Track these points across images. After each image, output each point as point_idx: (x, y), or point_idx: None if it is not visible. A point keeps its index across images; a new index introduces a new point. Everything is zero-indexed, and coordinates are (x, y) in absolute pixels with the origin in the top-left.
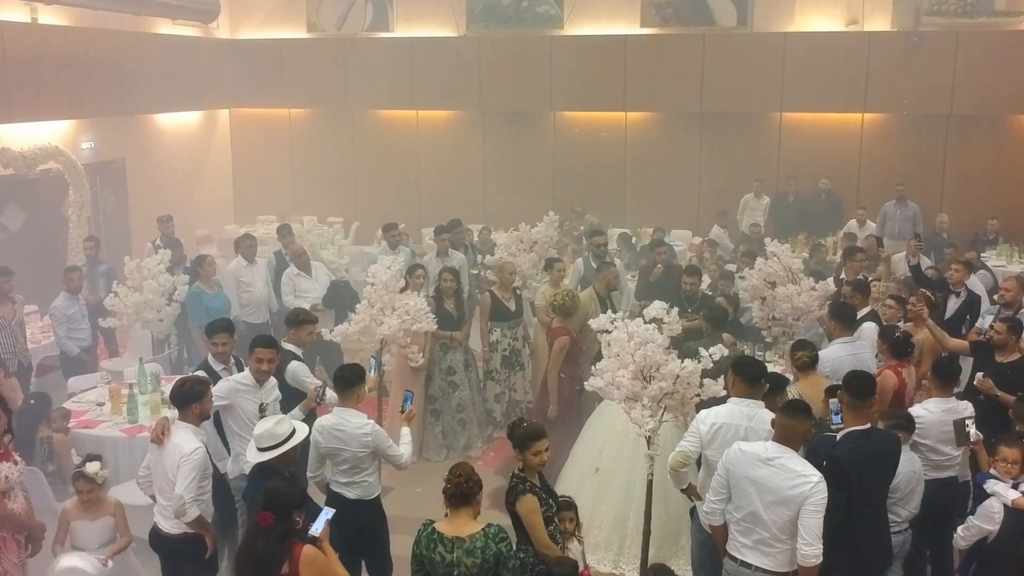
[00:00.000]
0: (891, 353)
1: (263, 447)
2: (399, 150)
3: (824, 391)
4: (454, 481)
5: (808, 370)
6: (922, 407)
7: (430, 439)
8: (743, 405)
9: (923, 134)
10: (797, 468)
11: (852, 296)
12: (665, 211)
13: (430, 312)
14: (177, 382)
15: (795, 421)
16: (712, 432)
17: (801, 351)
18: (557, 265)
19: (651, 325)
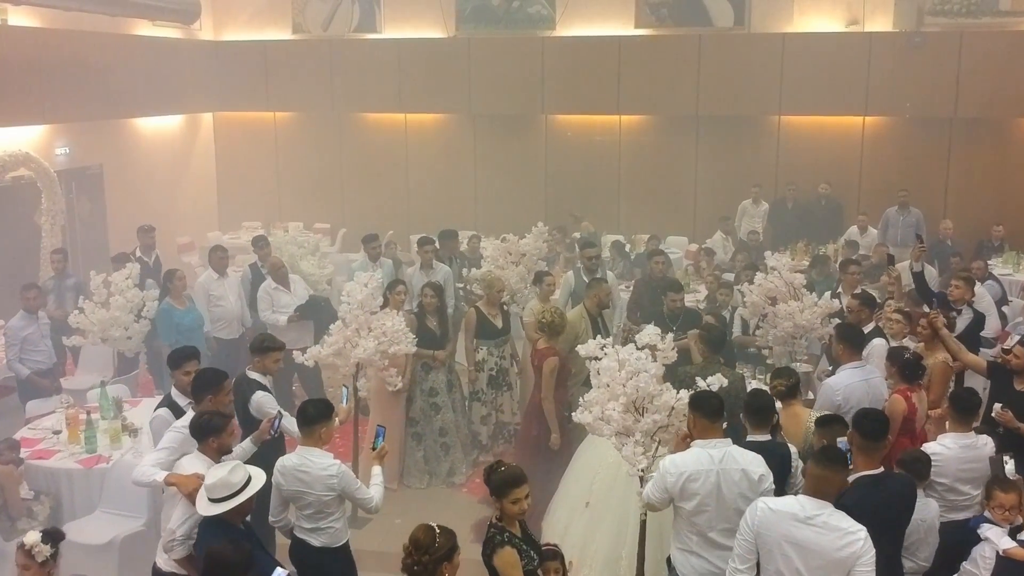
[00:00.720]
0: (900, 376)
1: (216, 498)
2: (387, 154)
3: (815, 423)
4: (410, 557)
5: (787, 399)
6: (939, 444)
7: (411, 464)
8: (710, 447)
9: (926, 138)
10: (842, 525)
11: (859, 310)
12: (660, 217)
13: (410, 333)
14: (195, 414)
15: (830, 471)
16: (681, 484)
17: (778, 379)
18: (546, 279)
19: (644, 352)
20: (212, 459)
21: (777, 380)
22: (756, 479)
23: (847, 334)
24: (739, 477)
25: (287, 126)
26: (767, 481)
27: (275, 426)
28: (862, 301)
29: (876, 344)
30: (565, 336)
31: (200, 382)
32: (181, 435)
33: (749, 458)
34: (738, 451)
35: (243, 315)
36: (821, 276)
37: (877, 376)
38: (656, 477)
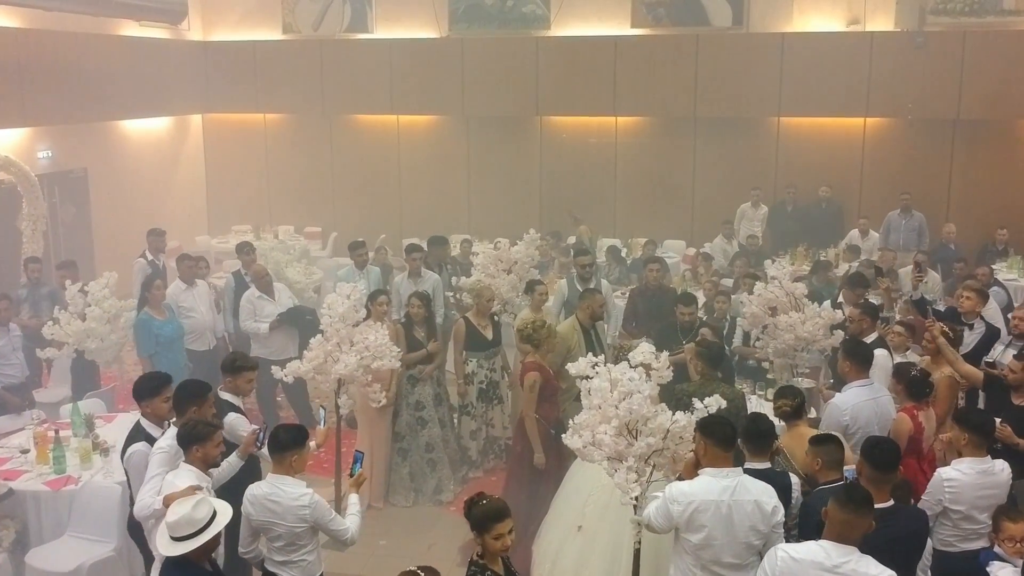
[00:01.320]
0: (907, 394)
1: (179, 536)
2: (379, 157)
3: (808, 441)
4: None
5: (792, 420)
6: (955, 469)
7: (396, 482)
8: (720, 476)
9: (928, 140)
10: (871, 572)
11: (860, 320)
12: (658, 221)
13: (394, 347)
14: (183, 421)
15: (856, 515)
16: (689, 514)
17: (783, 399)
18: (538, 288)
19: (638, 371)
20: (199, 469)
21: (782, 400)
22: (769, 511)
23: (854, 350)
24: (751, 509)
25: (277, 128)
26: (779, 513)
27: (260, 439)
28: (864, 310)
29: (878, 356)
30: (556, 349)
31: (183, 394)
32: (166, 454)
33: (761, 488)
34: (750, 481)
35: (215, 326)
36: (822, 283)
37: (885, 395)
38: (660, 503)
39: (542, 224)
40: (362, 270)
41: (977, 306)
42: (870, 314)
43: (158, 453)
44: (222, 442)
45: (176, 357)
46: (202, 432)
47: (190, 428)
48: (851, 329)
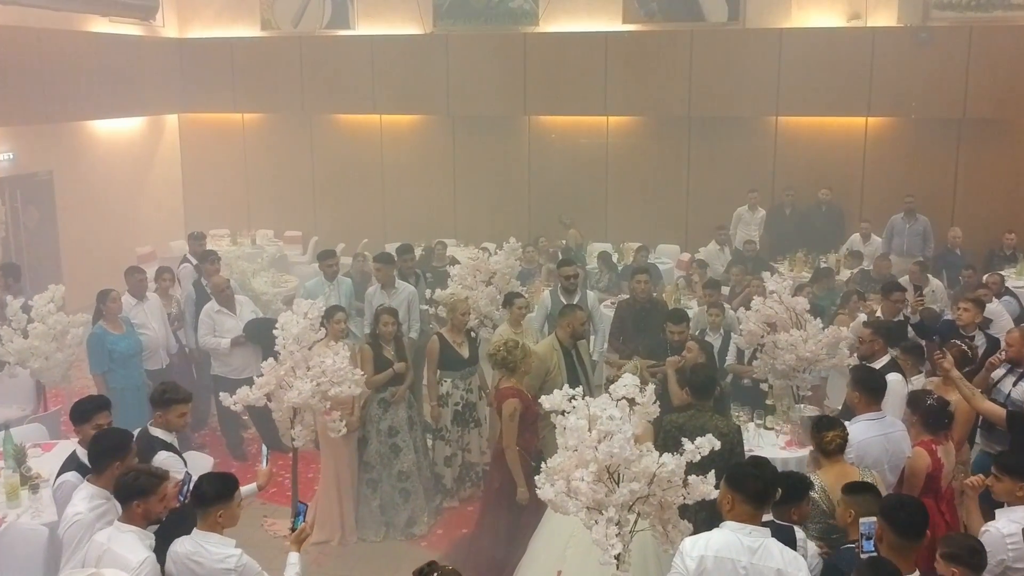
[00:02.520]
0: (924, 426)
1: None
2: (361, 158)
3: (842, 490)
4: None
5: (839, 455)
6: (1011, 520)
7: (366, 515)
8: (743, 533)
9: (933, 140)
10: None
11: (871, 341)
12: (650, 225)
13: (355, 371)
14: (124, 471)
15: None
16: (700, 570)
17: (831, 431)
18: (517, 302)
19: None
20: (138, 527)
21: (833, 432)
22: None
23: (865, 380)
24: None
25: (256, 128)
26: None
27: (184, 491)
28: (875, 330)
29: (891, 382)
30: (535, 372)
31: (101, 448)
32: (80, 525)
33: (789, 558)
34: (776, 546)
35: (168, 343)
36: (823, 291)
37: (899, 429)
38: (676, 559)
39: (531, 228)
40: (332, 281)
41: (976, 318)
42: (881, 334)
43: (72, 525)
44: (167, 495)
45: (132, 375)
46: (146, 485)
47: (131, 480)
48: (860, 351)
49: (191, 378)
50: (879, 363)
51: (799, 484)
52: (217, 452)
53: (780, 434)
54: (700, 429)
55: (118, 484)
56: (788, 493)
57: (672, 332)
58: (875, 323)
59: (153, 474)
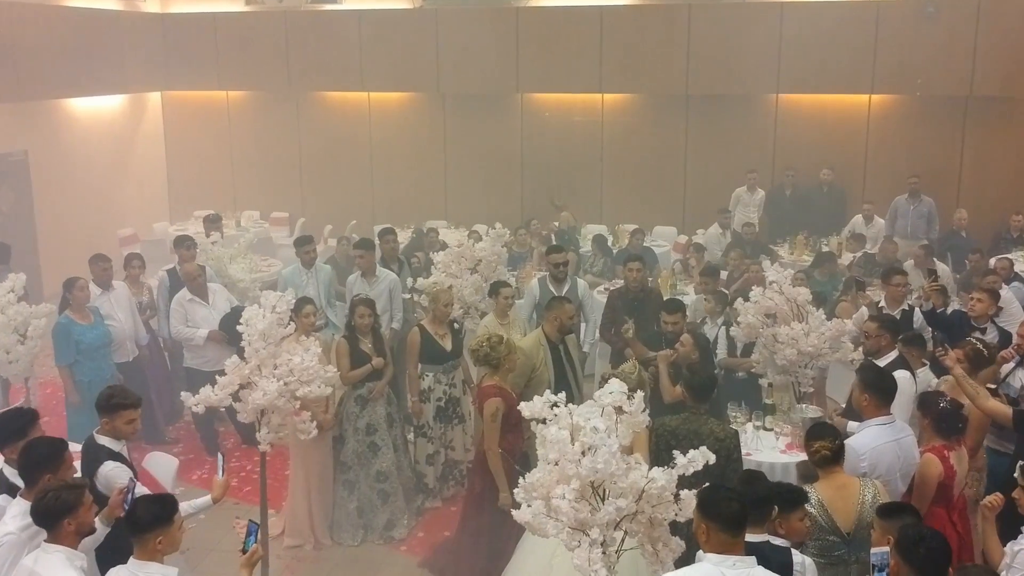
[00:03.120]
0: (935, 430)
1: None
2: (349, 137)
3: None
4: None
5: (830, 466)
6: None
7: (342, 518)
8: (727, 566)
9: (939, 118)
10: None
11: (878, 336)
12: (647, 206)
13: (329, 368)
14: (37, 494)
15: None
16: None
17: (819, 440)
18: (504, 291)
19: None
20: (69, 546)
21: (820, 443)
22: None
23: (875, 382)
24: None
25: (241, 106)
26: None
27: (128, 499)
28: (882, 324)
29: (898, 379)
30: (519, 369)
31: (31, 459)
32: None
33: None
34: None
35: (136, 334)
36: (825, 276)
37: (908, 434)
38: None
39: (523, 209)
40: (310, 269)
41: (989, 309)
42: (889, 328)
43: (1, 547)
44: (93, 502)
45: (100, 367)
46: (70, 500)
47: (51, 501)
48: (867, 347)
49: (165, 369)
50: (886, 359)
51: (788, 496)
52: (191, 447)
53: (780, 436)
54: (695, 434)
55: (39, 509)
56: (766, 497)
57: (667, 323)
58: (881, 317)
59: (72, 486)
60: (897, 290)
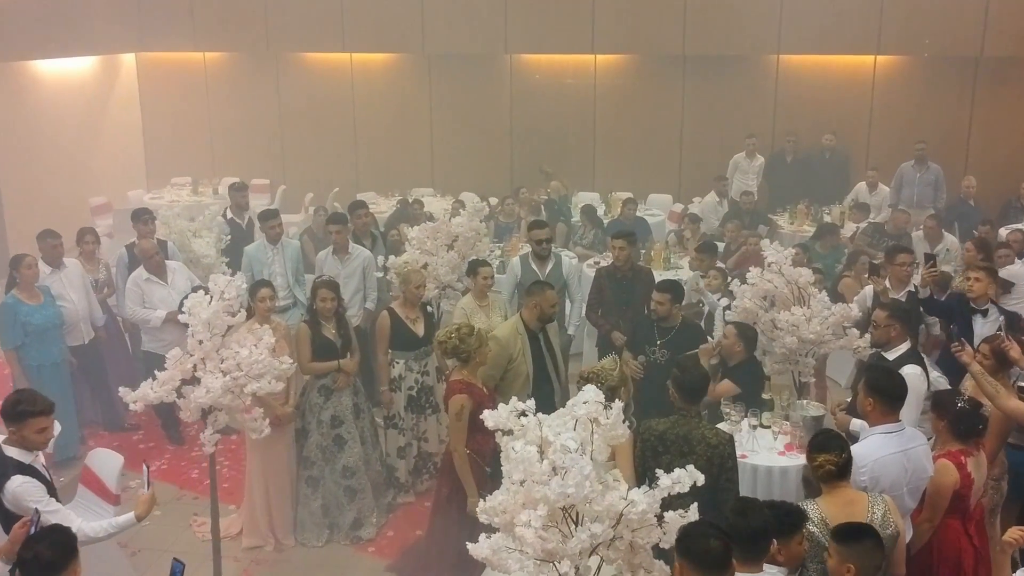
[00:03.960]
0: (952, 433)
1: None
2: (331, 101)
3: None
4: None
5: (835, 481)
6: None
7: (306, 517)
8: None
9: (947, 81)
10: None
11: (887, 325)
12: (641, 173)
13: (284, 360)
14: None
15: None
16: None
17: (824, 454)
18: (482, 271)
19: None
20: None
21: (824, 456)
22: None
23: (881, 385)
24: None
25: (218, 68)
26: None
27: (33, 528)
28: (892, 313)
29: (908, 376)
30: (494, 360)
31: None
32: None
33: None
34: None
35: (92, 315)
36: (827, 249)
37: (920, 443)
38: None
39: (513, 176)
40: (276, 245)
41: (988, 288)
42: (899, 318)
43: None
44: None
45: (51, 351)
46: None
47: None
48: (875, 337)
49: (125, 352)
50: (896, 352)
51: (787, 520)
52: (152, 434)
53: (778, 435)
54: (684, 440)
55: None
56: (758, 531)
57: (658, 302)
58: (891, 305)
59: None
60: (902, 270)
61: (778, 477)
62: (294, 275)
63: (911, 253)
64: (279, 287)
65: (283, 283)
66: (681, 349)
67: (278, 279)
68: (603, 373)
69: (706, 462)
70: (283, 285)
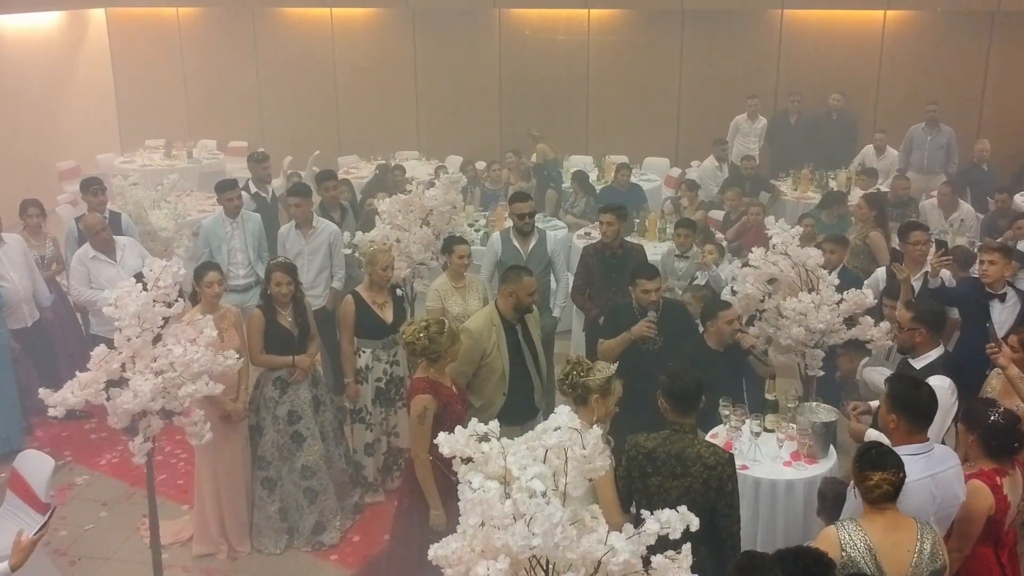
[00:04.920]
0: (984, 450)
1: None
2: (311, 59)
3: None
4: None
5: (887, 503)
6: None
7: (262, 521)
8: None
9: (961, 37)
10: None
11: (911, 330)
12: (637, 135)
13: (229, 356)
14: None
15: None
16: None
17: (882, 471)
18: (458, 249)
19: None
20: None
21: (880, 474)
22: None
23: (908, 399)
24: None
25: (193, 25)
26: None
27: None
28: (918, 315)
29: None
30: (466, 355)
31: None
32: None
33: None
34: None
35: (36, 294)
36: (833, 219)
37: (950, 466)
38: None
39: (503, 139)
40: (235, 219)
41: (1004, 271)
42: (927, 321)
43: None
44: None
45: None
46: None
47: None
48: (900, 342)
49: (77, 333)
50: (924, 359)
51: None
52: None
53: (783, 442)
54: (677, 459)
55: None
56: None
57: (645, 291)
58: (918, 305)
59: None
60: (916, 249)
61: (783, 492)
62: (256, 251)
63: (926, 230)
64: (239, 264)
65: (244, 260)
66: (672, 333)
67: (238, 255)
68: (589, 369)
69: (702, 485)
70: (243, 262)
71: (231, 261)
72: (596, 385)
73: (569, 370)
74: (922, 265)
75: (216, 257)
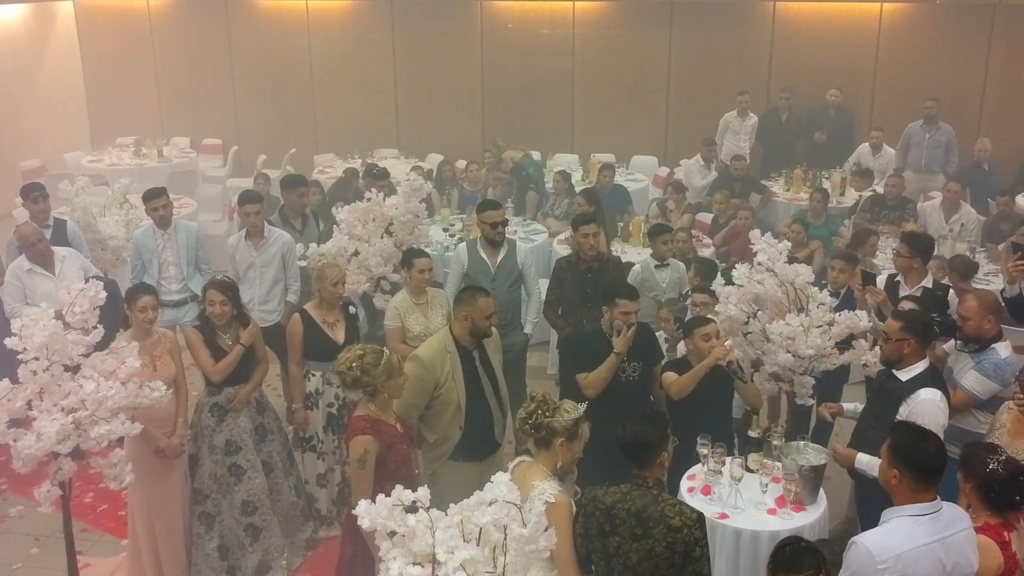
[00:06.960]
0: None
1: None
2: (287, 52)
3: None
4: None
5: None
6: None
7: (201, 560)
8: None
9: (961, 31)
10: None
11: (899, 340)
12: (624, 133)
13: (152, 387)
14: None
15: None
16: None
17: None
18: (418, 263)
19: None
20: None
21: None
22: None
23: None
24: None
25: (164, 16)
26: None
27: None
28: (906, 325)
29: (925, 402)
30: (416, 387)
31: None
32: None
33: None
34: None
35: None
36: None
37: (961, 529)
38: None
39: (485, 135)
40: (166, 230)
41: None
42: (915, 332)
43: None
44: None
45: None
46: None
47: None
48: (885, 353)
49: None
50: (910, 372)
51: None
52: None
53: (767, 486)
54: (637, 518)
55: None
56: None
57: (624, 313)
58: (907, 315)
59: None
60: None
61: (766, 545)
62: (190, 263)
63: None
64: (171, 279)
65: (176, 274)
66: (643, 356)
67: (171, 269)
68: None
69: (665, 549)
70: (176, 276)
71: (163, 275)
72: (562, 427)
73: (534, 409)
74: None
75: (148, 270)
